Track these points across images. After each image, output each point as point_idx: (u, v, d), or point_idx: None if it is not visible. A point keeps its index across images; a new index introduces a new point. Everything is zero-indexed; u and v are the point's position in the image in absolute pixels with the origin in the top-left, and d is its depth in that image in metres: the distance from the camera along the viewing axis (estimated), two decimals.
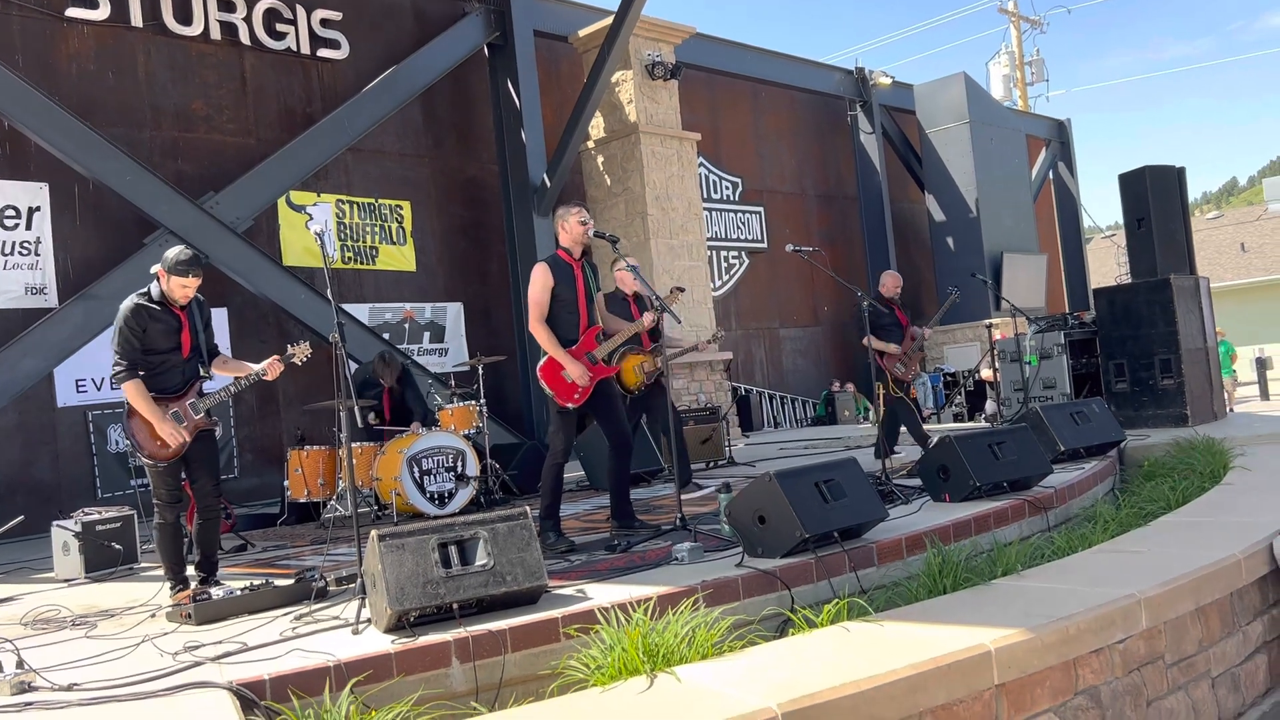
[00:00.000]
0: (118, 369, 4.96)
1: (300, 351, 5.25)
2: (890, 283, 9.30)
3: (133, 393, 4.96)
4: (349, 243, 12.13)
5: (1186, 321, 9.54)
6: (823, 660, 3.30)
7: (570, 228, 5.76)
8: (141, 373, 5.02)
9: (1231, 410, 12.30)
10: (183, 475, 5.16)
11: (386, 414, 8.55)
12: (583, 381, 5.65)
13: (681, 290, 6.58)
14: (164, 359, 5.09)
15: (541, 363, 5.73)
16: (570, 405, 5.73)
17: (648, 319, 6.13)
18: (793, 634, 3.76)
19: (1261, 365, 21.14)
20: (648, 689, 3.13)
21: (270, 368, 5.14)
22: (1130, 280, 10.66)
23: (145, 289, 5.15)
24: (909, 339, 8.94)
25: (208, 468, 5.20)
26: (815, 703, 2.94)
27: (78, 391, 10.03)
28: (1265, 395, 19.82)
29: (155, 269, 5.14)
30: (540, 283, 5.70)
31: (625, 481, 6.09)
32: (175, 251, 5.14)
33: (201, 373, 5.20)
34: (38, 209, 9.89)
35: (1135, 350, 9.65)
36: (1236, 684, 4.30)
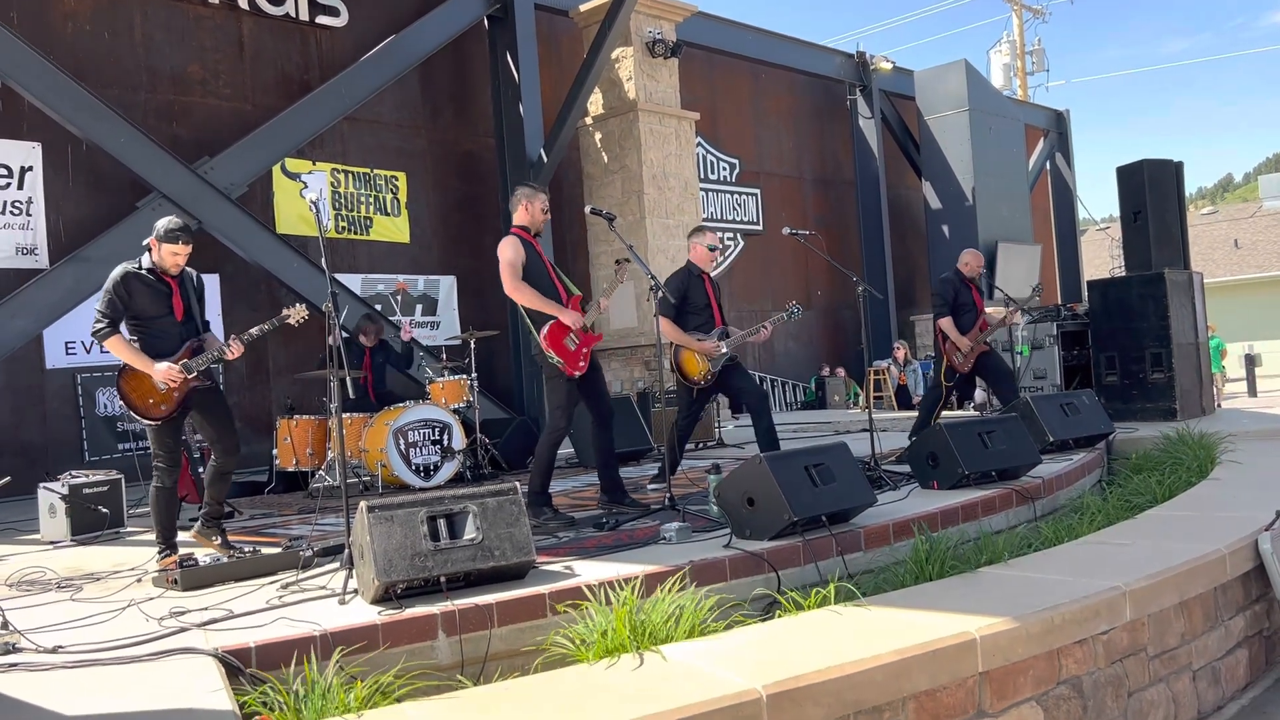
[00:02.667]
0: (99, 325, 5.04)
1: (296, 314, 5.31)
2: (973, 262, 8.74)
3: (117, 346, 5.05)
4: (343, 212, 12.06)
5: (1179, 316, 9.56)
6: (809, 642, 3.31)
7: (534, 211, 5.81)
8: (131, 337, 5.07)
9: (1220, 406, 12.36)
10: (183, 437, 5.20)
11: (368, 380, 8.59)
12: (577, 325, 5.65)
13: (626, 261, 6.09)
14: (157, 324, 5.14)
15: (545, 331, 5.60)
16: (577, 374, 5.68)
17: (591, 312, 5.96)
18: (780, 615, 3.78)
19: (1250, 362, 21.21)
20: (634, 666, 3.14)
21: (232, 348, 5.14)
22: (1124, 273, 10.67)
23: (137, 258, 5.17)
24: (978, 328, 8.42)
25: (215, 422, 5.27)
26: (800, 685, 2.95)
27: (67, 354, 9.98)
28: (1253, 392, 19.90)
29: (148, 240, 5.20)
30: (513, 249, 5.69)
31: (613, 455, 6.12)
32: (165, 221, 5.21)
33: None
34: (30, 169, 9.80)
35: (1127, 343, 9.67)
36: (1217, 677, 4.33)
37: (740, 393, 7.02)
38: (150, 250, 5.16)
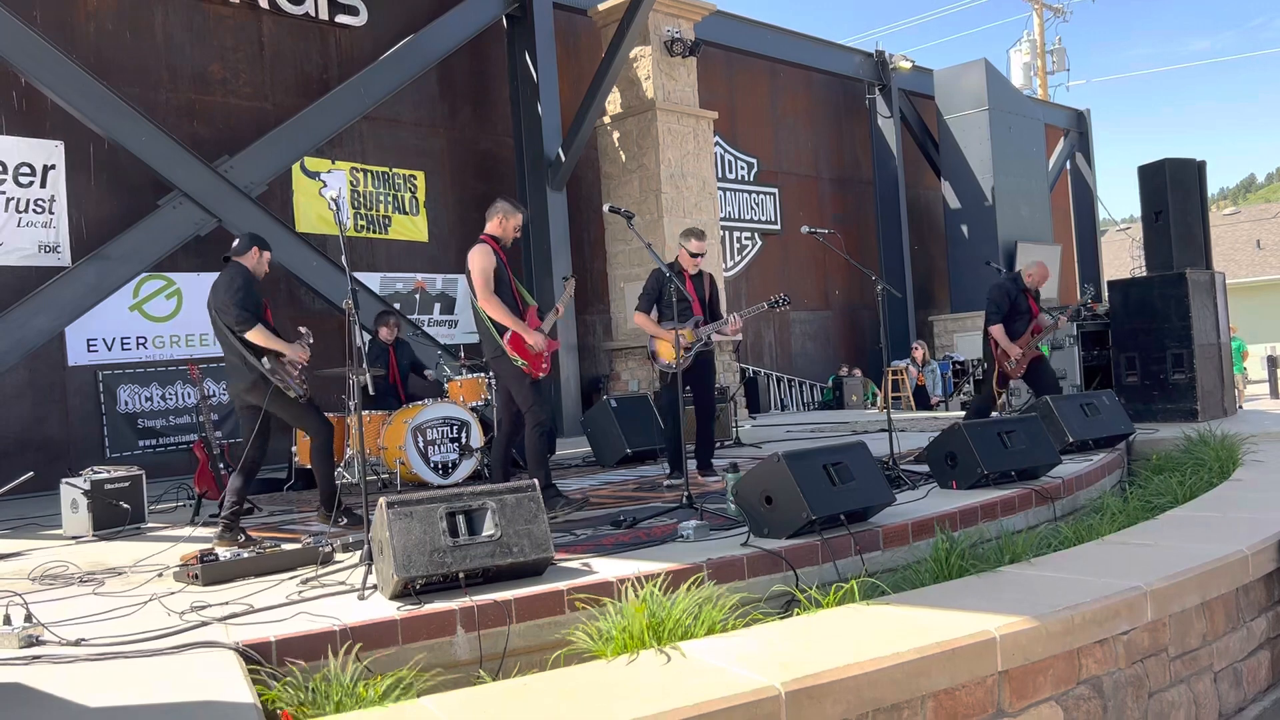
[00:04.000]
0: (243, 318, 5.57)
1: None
2: (1038, 274, 8.54)
3: (260, 334, 5.58)
4: (362, 211, 12.12)
5: (1200, 317, 9.48)
6: (828, 640, 3.30)
7: (508, 226, 6.06)
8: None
9: (1241, 407, 12.26)
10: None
11: (395, 376, 8.66)
12: (540, 347, 5.95)
13: (573, 278, 6.61)
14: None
15: (508, 337, 5.87)
16: (540, 375, 6.02)
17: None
18: (798, 613, 3.77)
19: (1273, 363, 21.01)
20: (653, 663, 3.14)
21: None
22: (1145, 273, 10.59)
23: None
24: (1029, 334, 8.34)
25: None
26: (819, 682, 2.94)
27: (89, 351, 10.07)
28: (1275, 393, 19.73)
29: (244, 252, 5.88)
30: (488, 259, 5.88)
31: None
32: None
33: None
34: (53, 167, 9.89)
35: (1147, 344, 9.59)
36: (1238, 679, 4.30)
37: (699, 390, 7.20)
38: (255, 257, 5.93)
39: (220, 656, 3.23)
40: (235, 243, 5.98)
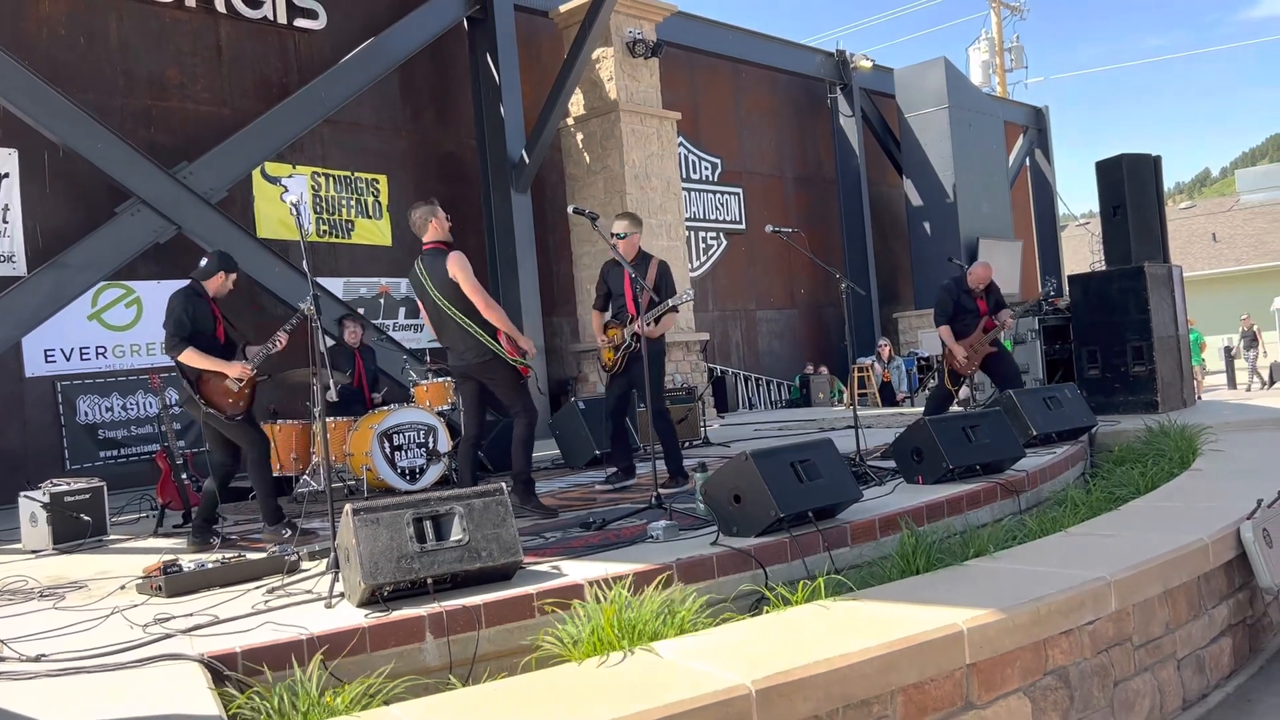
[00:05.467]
0: (171, 343, 5.67)
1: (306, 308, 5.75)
2: (979, 274, 8.68)
3: (192, 356, 5.65)
4: (324, 216, 12.02)
5: (1159, 309, 9.61)
6: (797, 637, 3.32)
7: (446, 224, 6.20)
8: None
9: (1200, 398, 12.45)
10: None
11: (361, 382, 8.60)
12: (532, 351, 6.08)
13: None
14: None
15: (502, 341, 5.93)
16: (529, 375, 6.13)
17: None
18: (768, 611, 3.78)
19: (1230, 354, 21.40)
20: (622, 664, 3.14)
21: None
22: (1104, 268, 10.72)
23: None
24: (979, 332, 8.48)
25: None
26: (789, 679, 2.95)
27: (46, 362, 9.90)
28: (1233, 384, 20.09)
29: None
30: (468, 264, 5.96)
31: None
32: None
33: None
34: (6, 175, 9.72)
35: (1108, 337, 9.71)
36: (1201, 666, 4.36)
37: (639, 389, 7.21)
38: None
39: (184, 669, 3.19)
40: (203, 262, 5.94)
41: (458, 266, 5.89)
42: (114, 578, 4.95)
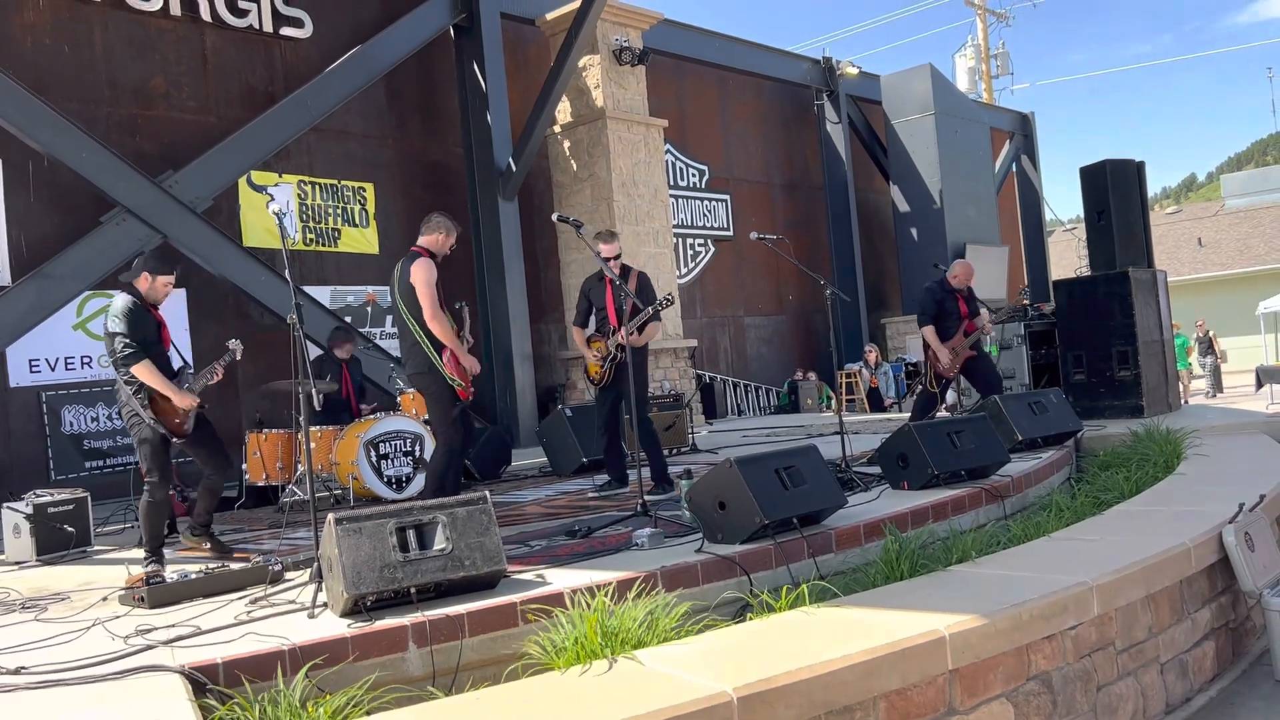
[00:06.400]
0: (128, 352, 5.32)
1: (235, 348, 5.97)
2: (961, 273, 8.75)
3: (145, 372, 5.32)
4: (311, 224, 11.99)
5: (1144, 314, 9.66)
6: (780, 644, 3.32)
7: (445, 244, 5.98)
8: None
9: (1186, 402, 12.51)
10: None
11: (349, 391, 8.60)
12: (475, 370, 5.88)
13: (465, 306, 6.23)
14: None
15: (446, 355, 5.75)
16: (468, 398, 5.88)
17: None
18: (752, 618, 3.78)
19: (1215, 356, 21.45)
20: (606, 672, 3.14)
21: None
22: (1089, 273, 10.77)
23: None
24: (961, 334, 8.54)
25: (211, 442, 5.69)
26: (771, 686, 2.95)
27: (31, 372, 9.86)
28: (1220, 388, 20.16)
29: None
30: (432, 273, 5.76)
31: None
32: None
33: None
34: None
35: (1093, 342, 9.75)
36: (1185, 670, 4.37)
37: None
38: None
39: (165, 680, 3.17)
40: (135, 263, 5.80)
41: (419, 271, 5.75)
42: (97, 589, 4.92)
